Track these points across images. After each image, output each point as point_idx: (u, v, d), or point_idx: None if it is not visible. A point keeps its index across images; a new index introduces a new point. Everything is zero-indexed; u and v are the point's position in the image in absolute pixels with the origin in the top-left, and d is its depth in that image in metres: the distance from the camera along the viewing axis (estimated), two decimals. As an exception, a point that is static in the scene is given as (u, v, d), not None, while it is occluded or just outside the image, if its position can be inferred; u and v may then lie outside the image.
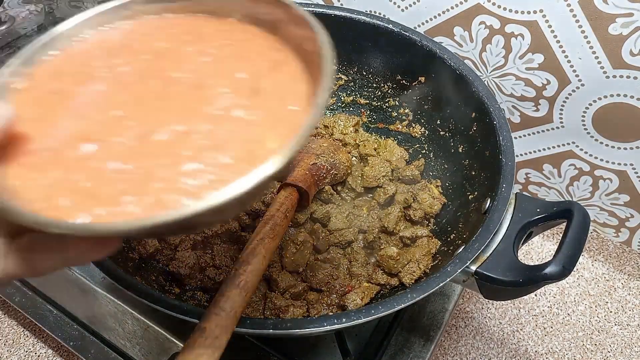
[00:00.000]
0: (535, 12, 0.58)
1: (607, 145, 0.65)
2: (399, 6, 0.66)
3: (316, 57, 0.36)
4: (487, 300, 0.69)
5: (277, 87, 0.37)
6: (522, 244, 0.49)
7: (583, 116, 0.64)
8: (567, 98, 0.63)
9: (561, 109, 0.65)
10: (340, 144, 0.70)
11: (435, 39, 0.66)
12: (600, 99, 0.61)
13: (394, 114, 0.71)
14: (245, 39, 0.41)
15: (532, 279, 0.43)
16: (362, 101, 0.73)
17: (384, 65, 0.68)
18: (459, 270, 0.44)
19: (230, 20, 0.43)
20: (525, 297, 0.69)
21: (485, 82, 0.58)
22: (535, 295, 0.71)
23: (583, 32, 0.56)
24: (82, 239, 0.32)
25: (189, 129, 0.34)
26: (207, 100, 0.36)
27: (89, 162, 0.33)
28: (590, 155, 0.67)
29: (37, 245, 0.32)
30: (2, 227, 0.33)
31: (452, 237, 0.57)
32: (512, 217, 0.48)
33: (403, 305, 0.42)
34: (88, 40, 0.42)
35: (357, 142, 0.70)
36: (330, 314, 0.54)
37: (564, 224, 0.46)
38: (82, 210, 0.30)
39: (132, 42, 0.42)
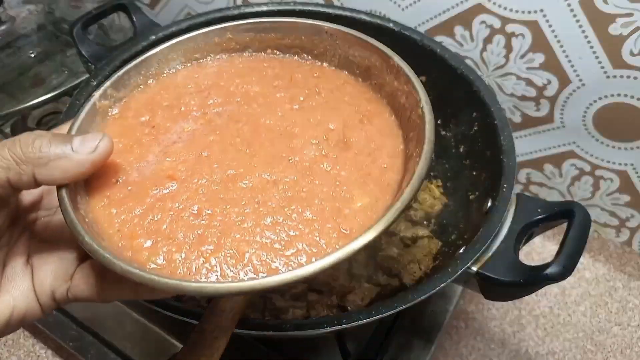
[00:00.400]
0: (535, 11, 0.58)
1: (607, 145, 0.65)
2: (399, 5, 0.66)
3: (412, 114, 0.35)
4: (488, 300, 0.69)
5: (368, 141, 0.36)
6: (523, 245, 0.49)
7: (584, 116, 0.63)
8: (567, 98, 0.63)
9: (562, 109, 0.64)
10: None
11: (435, 38, 0.66)
12: (600, 98, 0.61)
13: (395, 114, 0.71)
14: (336, 87, 0.41)
15: (533, 279, 0.43)
16: (363, 101, 0.73)
17: (384, 65, 0.68)
18: (460, 271, 0.44)
19: (321, 65, 0.43)
20: (526, 297, 0.69)
21: (486, 82, 0.58)
22: (536, 295, 0.71)
23: (583, 32, 0.56)
24: None
25: (275, 179, 0.33)
26: (294, 150, 0.35)
27: (171, 202, 0.32)
28: (591, 155, 0.67)
29: (110, 275, 0.32)
30: (74, 249, 0.33)
31: (453, 237, 0.57)
32: (513, 218, 0.48)
33: (404, 306, 0.42)
34: (181, 73, 0.42)
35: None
36: (331, 315, 0.54)
37: (565, 224, 0.46)
38: (161, 255, 0.30)
39: (225, 82, 0.41)
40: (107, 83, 0.38)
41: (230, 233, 0.31)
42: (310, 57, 0.43)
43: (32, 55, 0.77)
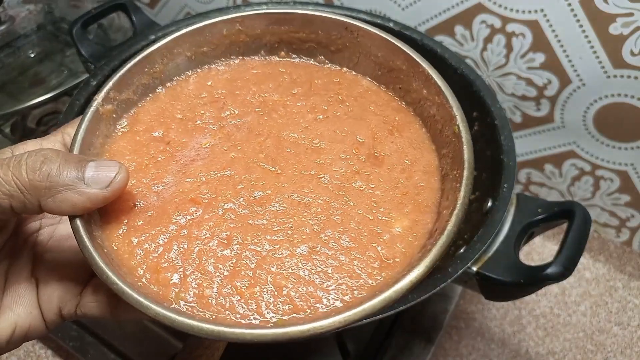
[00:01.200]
0: (536, 11, 0.58)
1: (608, 145, 0.65)
2: (399, 5, 0.66)
3: (445, 130, 0.33)
4: (488, 301, 0.69)
5: (401, 155, 0.34)
6: (524, 245, 0.49)
7: (584, 116, 0.63)
8: (568, 98, 0.63)
9: (562, 109, 0.64)
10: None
11: (435, 38, 0.66)
12: (601, 98, 0.60)
13: (395, 113, 0.71)
14: (359, 94, 0.38)
15: (533, 279, 0.43)
16: (363, 101, 0.72)
17: (384, 65, 0.68)
18: (460, 271, 0.44)
19: (340, 70, 0.40)
20: (526, 297, 0.69)
21: (486, 82, 0.58)
22: (536, 295, 0.71)
23: (584, 31, 0.56)
24: None
25: (306, 201, 0.31)
26: (323, 167, 0.33)
27: (197, 230, 0.30)
28: (592, 155, 0.67)
29: None
30: (84, 261, 0.30)
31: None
32: (513, 218, 0.48)
33: (404, 307, 0.42)
34: (191, 80, 0.39)
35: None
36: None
37: (565, 224, 0.46)
38: (191, 290, 0.27)
39: (241, 90, 0.38)
40: (109, 84, 0.34)
41: (265, 265, 0.28)
42: (326, 57, 0.40)
43: (32, 55, 0.77)
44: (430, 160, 0.34)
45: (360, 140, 0.35)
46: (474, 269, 0.45)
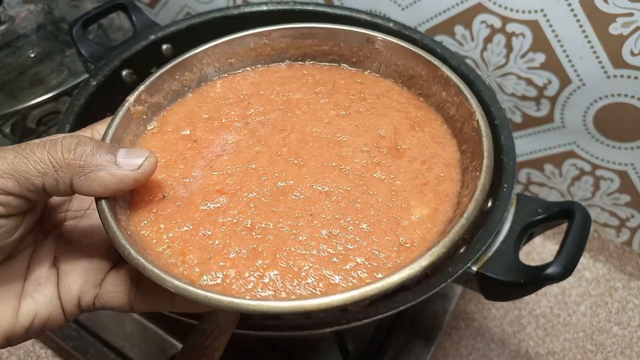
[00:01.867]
0: (536, 11, 0.58)
1: (608, 145, 0.65)
2: (399, 5, 0.66)
3: (465, 127, 0.34)
4: (488, 301, 0.69)
5: (422, 148, 0.35)
6: (524, 245, 0.49)
7: (584, 116, 0.63)
8: (568, 98, 0.63)
9: (562, 109, 0.64)
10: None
11: (436, 38, 0.66)
12: (601, 98, 0.60)
13: (395, 113, 0.71)
14: (381, 92, 0.40)
15: (533, 279, 0.43)
16: (363, 101, 0.72)
17: (384, 65, 0.68)
18: (460, 271, 0.44)
19: (363, 72, 0.42)
20: (526, 297, 0.69)
21: (486, 82, 0.58)
22: (536, 295, 0.71)
23: (584, 31, 0.56)
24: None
25: (327, 190, 0.33)
26: (345, 159, 0.34)
27: (222, 217, 0.31)
28: (592, 155, 0.67)
29: (145, 283, 0.30)
30: (105, 253, 0.32)
31: (452, 237, 0.56)
32: (513, 218, 0.48)
33: (404, 306, 0.42)
34: (218, 83, 0.41)
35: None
36: (331, 315, 0.54)
37: (565, 224, 0.46)
38: (213, 271, 0.28)
39: (265, 90, 0.40)
40: (141, 87, 0.37)
41: (285, 247, 0.30)
42: (349, 65, 0.42)
43: (32, 55, 0.77)
44: (452, 153, 0.35)
45: (382, 134, 0.36)
46: (474, 268, 0.45)
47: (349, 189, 0.33)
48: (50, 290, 0.30)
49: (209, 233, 0.30)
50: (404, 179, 0.33)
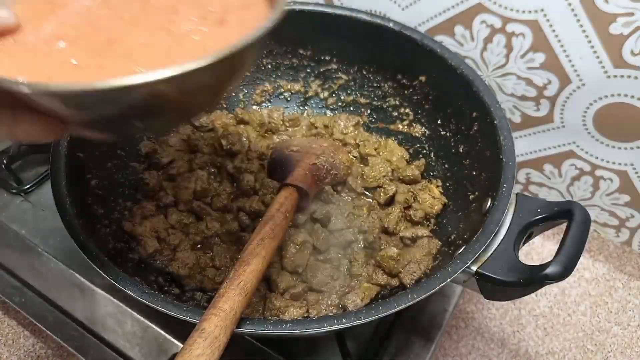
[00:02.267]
0: (536, 11, 0.58)
1: (607, 145, 0.65)
2: (399, 5, 0.66)
3: None
4: (487, 300, 0.69)
5: (242, 21, 0.40)
6: (523, 244, 0.49)
7: (584, 116, 0.63)
8: (568, 98, 0.63)
9: (562, 109, 0.64)
10: (341, 144, 0.69)
11: (435, 38, 0.66)
12: (601, 98, 0.60)
13: (395, 113, 0.71)
14: None
15: (532, 279, 0.43)
16: (363, 101, 0.72)
17: (384, 64, 0.68)
18: (460, 271, 0.44)
19: None
20: (525, 297, 0.69)
21: (486, 82, 0.58)
22: (536, 295, 0.71)
23: (584, 31, 0.56)
24: (30, 114, 0.33)
25: (150, 42, 0.38)
26: (174, 24, 0.40)
27: (57, 55, 0.36)
28: (591, 155, 0.67)
29: None
30: None
31: (452, 237, 0.57)
32: (512, 218, 0.48)
33: (403, 306, 0.42)
34: None
35: (358, 142, 0.70)
36: (330, 314, 0.54)
37: (565, 224, 0.46)
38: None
39: None
40: None
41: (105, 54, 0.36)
42: None
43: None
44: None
45: (213, 10, 0.41)
46: (474, 268, 0.45)
47: (168, 43, 0.38)
48: None
49: (42, 64, 0.35)
50: (215, 40, 0.38)
